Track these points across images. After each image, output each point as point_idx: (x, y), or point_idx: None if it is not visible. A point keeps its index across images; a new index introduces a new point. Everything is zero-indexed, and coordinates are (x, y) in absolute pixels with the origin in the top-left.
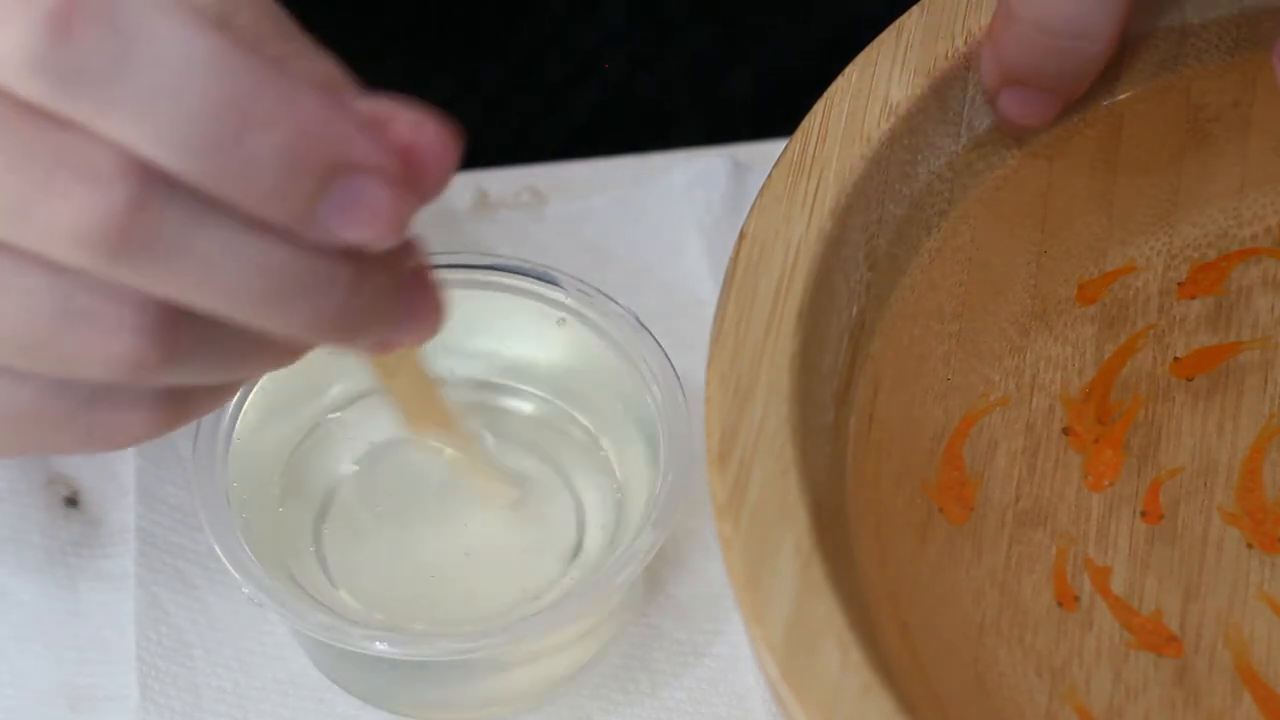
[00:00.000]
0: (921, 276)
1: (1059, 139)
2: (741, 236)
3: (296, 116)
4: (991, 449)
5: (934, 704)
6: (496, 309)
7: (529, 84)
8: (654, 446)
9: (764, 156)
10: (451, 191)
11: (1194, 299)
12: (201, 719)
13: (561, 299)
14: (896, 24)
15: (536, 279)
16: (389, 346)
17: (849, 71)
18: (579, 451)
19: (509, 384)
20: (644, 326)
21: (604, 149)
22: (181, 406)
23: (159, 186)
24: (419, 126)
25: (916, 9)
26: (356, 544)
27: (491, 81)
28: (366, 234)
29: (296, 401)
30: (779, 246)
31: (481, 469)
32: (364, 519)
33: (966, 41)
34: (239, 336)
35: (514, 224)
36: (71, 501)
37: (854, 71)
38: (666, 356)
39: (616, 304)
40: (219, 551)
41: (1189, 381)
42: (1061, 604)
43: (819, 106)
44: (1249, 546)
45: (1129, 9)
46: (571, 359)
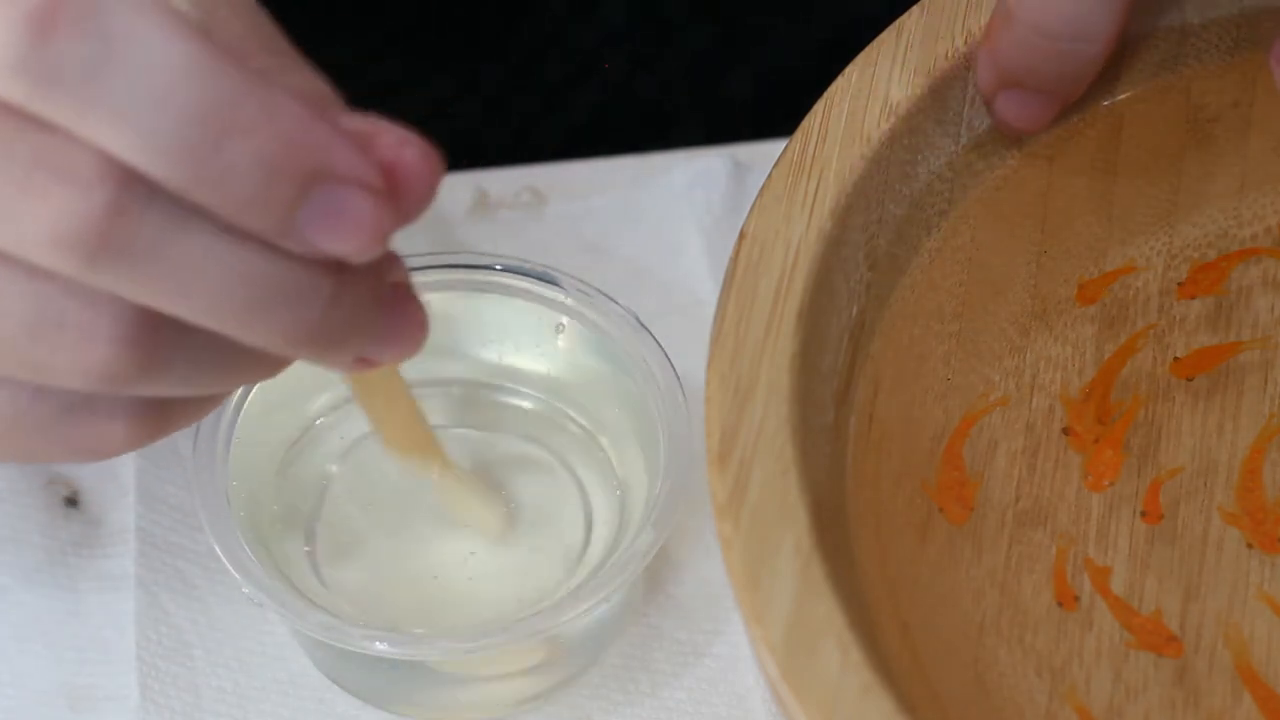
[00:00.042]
0: (921, 276)
1: (1059, 139)
2: (741, 236)
3: (277, 123)
4: (991, 449)
5: (934, 704)
6: (496, 309)
7: (529, 84)
8: (654, 447)
9: (764, 156)
10: (451, 191)
11: (1194, 299)
12: (201, 719)
13: (561, 299)
14: (896, 24)
15: (536, 279)
16: (369, 364)
17: (849, 71)
18: (581, 449)
19: (508, 384)
20: (644, 326)
21: (604, 149)
22: (161, 418)
23: (139, 191)
24: (403, 144)
25: (916, 9)
26: (355, 544)
27: (491, 81)
28: (346, 244)
29: (297, 399)
30: (779, 246)
31: (465, 498)
32: (363, 519)
33: (966, 41)
34: (218, 348)
35: (514, 224)
36: (71, 501)
37: (854, 71)
38: (666, 356)
39: (616, 304)
40: (219, 551)
41: (1189, 381)
42: (1061, 604)
43: (819, 106)
44: (1249, 546)
45: (1127, 11)
46: (571, 359)
